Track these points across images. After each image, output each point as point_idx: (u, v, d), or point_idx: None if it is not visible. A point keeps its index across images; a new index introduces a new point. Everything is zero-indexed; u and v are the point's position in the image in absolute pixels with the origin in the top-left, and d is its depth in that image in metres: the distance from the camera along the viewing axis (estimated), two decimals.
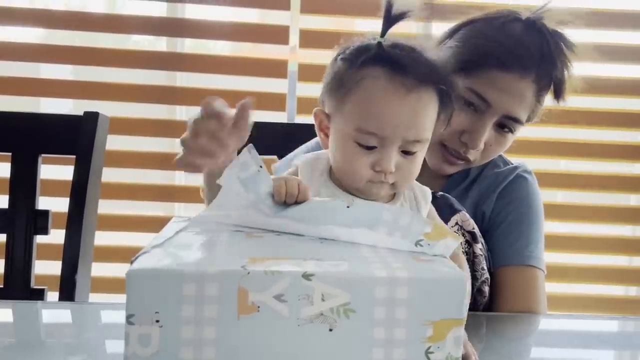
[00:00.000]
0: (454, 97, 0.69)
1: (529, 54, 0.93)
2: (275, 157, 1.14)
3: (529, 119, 0.99)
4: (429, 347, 0.45)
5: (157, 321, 0.44)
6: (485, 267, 0.94)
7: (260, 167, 0.58)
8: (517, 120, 0.96)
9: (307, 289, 0.44)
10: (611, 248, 1.93)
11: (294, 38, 1.81)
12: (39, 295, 1.03)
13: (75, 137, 1.03)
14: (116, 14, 1.88)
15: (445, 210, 0.90)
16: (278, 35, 1.81)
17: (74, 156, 1.04)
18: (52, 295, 1.04)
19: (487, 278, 0.94)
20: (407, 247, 0.52)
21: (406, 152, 0.66)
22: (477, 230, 0.93)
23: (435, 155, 1.01)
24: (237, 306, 0.44)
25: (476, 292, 0.93)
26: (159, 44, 1.90)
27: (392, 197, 0.71)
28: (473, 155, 0.98)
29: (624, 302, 1.98)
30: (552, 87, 0.98)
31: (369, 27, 1.85)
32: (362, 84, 0.65)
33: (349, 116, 0.66)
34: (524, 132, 1.81)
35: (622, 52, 1.86)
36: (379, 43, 0.66)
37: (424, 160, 1.02)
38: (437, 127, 0.71)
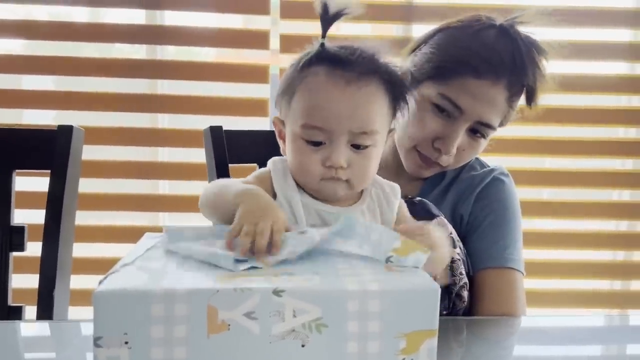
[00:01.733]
0: (405, 86, 0.70)
1: (501, 62, 0.94)
2: (256, 165, 1.14)
3: (501, 124, 1.00)
4: None
5: (126, 342, 0.43)
6: (464, 272, 0.94)
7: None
8: (489, 126, 0.97)
9: (278, 305, 0.43)
10: (596, 243, 1.94)
11: (275, 42, 1.81)
12: (16, 313, 1.02)
13: (50, 151, 1.02)
14: (97, 22, 1.86)
15: (422, 215, 0.90)
16: (258, 40, 1.81)
17: (49, 170, 1.03)
18: (31, 310, 1.03)
19: (465, 283, 0.94)
20: (373, 261, 0.52)
21: (356, 147, 0.66)
22: (455, 235, 0.93)
23: (411, 159, 1.02)
24: (207, 325, 0.43)
25: (455, 296, 0.93)
26: (140, 52, 1.89)
27: (358, 197, 0.71)
28: (445, 161, 0.99)
29: (609, 295, 1.99)
30: (524, 93, 0.99)
31: (350, 31, 1.86)
32: (304, 82, 0.67)
33: (295, 115, 0.67)
34: (510, 131, 1.84)
35: (602, 49, 1.87)
36: (322, 44, 0.67)
37: (401, 164, 1.04)
38: (393, 126, 0.72)
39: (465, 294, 0.94)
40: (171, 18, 1.83)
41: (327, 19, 0.68)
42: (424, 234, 0.61)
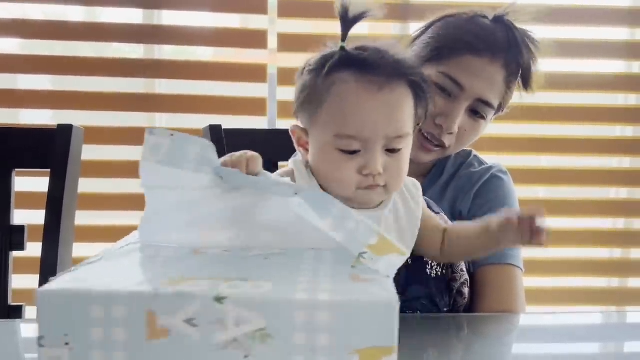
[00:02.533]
0: (427, 89, 0.70)
1: (497, 41, 0.96)
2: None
3: (500, 108, 1.02)
4: None
5: (67, 344, 0.42)
6: (465, 269, 0.94)
7: (172, 135, 0.55)
8: (489, 105, 0.98)
9: (219, 313, 0.41)
10: (593, 241, 1.95)
11: (273, 41, 1.81)
12: (17, 312, 1.02)
13: (49, 150, 1.02)
14: (94, 22, 1.86)
15: None
16: (256, 39, 1.81)
17: (49, 170, 1.03)
18: (31, 310, 1.03)
19: (466, 279, 0.94)
20: (349, 257, 0.49)
21: (391, 151, 0.66)
22: None
23: (412, 141, 1.02)
24: (146, 330, 0.41)
25: (456, 293, 0.93)
26: (138, 51, 1.89)
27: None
28: (448, 140, 1.00)
29: (607, 293, 2.00)
30: (520, 75, 1.01)
31: (352, 30, 1.87)
32: (332, 91, 0.65)
33: (325, 125, 0.66)
34: (506, 129, 1.85)
35: (599, 48, 1.88)
36: (342, 47, 0.66)
37: None
38: (417, 121, 0.71)
39: (466, 290, 0.94)
40: (169, 17, 1.83)
41: (348, 21, 0.66)
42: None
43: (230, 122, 1.20)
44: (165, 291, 0.42)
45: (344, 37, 0.67)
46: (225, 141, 1.17)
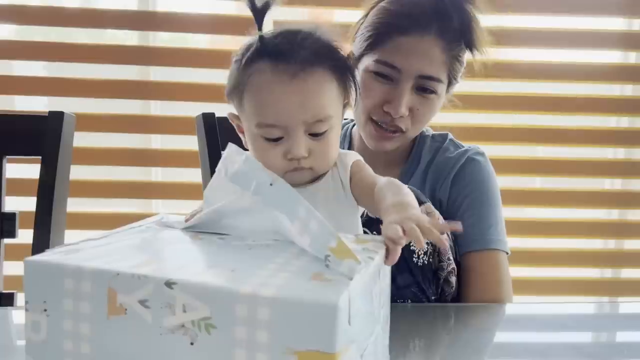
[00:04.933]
0: (351, 70, 0.71)
1: (423, 13, 0.95)
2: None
3: (452, 79, 1.00)
4: None
5: (45, 310, 0.46)
6: (452, 257, 0.95)
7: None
8: (433, 79, 0.96)
9: (169, 298, 0.42)
10: (587, 231, 1.95)
11: (268, 28, 1.79)
12: (8, 299, 1.02)
13: (41, 137, 1.02)
14: (89, 8, 1.85)
15: None
16: (252, 26, 1.79)
17: (40, 157, 1.03)
18: (23, 297, 1.03)
19: (453, 268, 0.95)
20: (319, 262, 0.47)
21: (314, 135, 0.67)
22: (442, 221, 0.94)
23: (369, 133, 1.02)
24: (107, 306, 0.44)
25: (443, 282, 0.94)
26: (132, 38, 1.88)
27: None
28: (404, 124, 0.99)
29: (600, 283, 2.01)
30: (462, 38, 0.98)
31: (347, 18, 1.85)
32: (250, 81, 0.67)
33: (249, 115, 0.68)
34: (502, 119, 1.85)
35: (595, 38, 1.87)
36: (260, 37, 0.67)
37: (374, 154, 1.03)
38: (347, 102, 0.72)
39: (453, 279, 0.95)
40: (164, 4, 1.82)
41: (257, 10, 0.67)
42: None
43: (225, 109, 1.19)
44: (125, 271, 0.44)
45: (259, 26, 0.68)
46: (218, 128, 1.17)
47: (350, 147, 1.13)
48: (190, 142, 1.71)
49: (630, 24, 1.89)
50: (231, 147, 0.56)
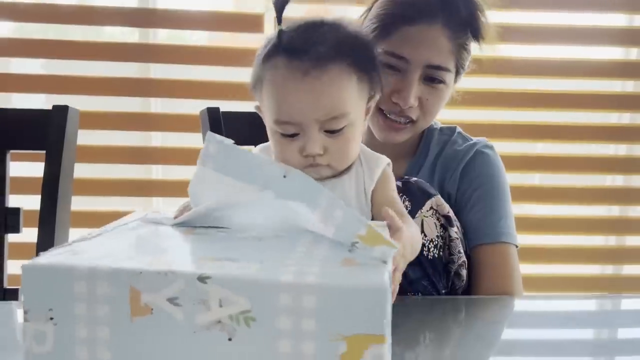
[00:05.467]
0: (373, 62, 0.69)
1: (429, 2, 0.95)
2: (252, 147, 1.13)
3: (459, 68, 1.00)
4: None
5: (52, 318, 0.42)
6: (462, 250, 0.94)
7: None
8: (441, 68, 0.96)
9: (202, 293, 0.40)
10: (588, 228, 1.95)
11: (270, 25, 1.79)
12: (13, 295, 1.01)
13: (45, 132, 1.01)
14: (87, 5, 1.84)
15: (419, 195, 0.90)
16: (252, 23, 1.79)
17: (44, 152, 1.01)
18: None
19: (464, 261, 0.94)
20: (341, 248, 0.47)
21: (331, 131, 0.66)
22: (452, 214, 0.93)
23: (378, 125, 1.01)
24: (129, 307, 0.41)
25: (454, 275, 0.93)
26: (132, 35, 1.87)
27: (347, 169, 0.71)
28: (414, 114, 0.98)
29: (601, 280, 2.01)
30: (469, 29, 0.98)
31: (348, 14, 1.85)
32: (267, 77, 0.67)
33: (267, 110, 0.68)
34: (502, 116, 1.85)
35: (596, 34, 1.87)
36: (279, 31, 0.66)
37: (382, 145, 1.03)
38: (371, 96, 0.71)
39: (464, 272, 0.94)
40: (163, 1, 1.81)
41: (278, 4, 0.67)
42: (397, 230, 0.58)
43: (225, 106, 1.18)
44: (149, 269, 0.41)
45: (279, 20, 0.67)
46: (223, 124, 1.16)
47: None
48: (191, 140, 1.71)
49: (631, 19, 1.90)
50: (213, 138, 0.55)
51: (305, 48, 0.64)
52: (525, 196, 1.91)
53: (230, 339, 0.40)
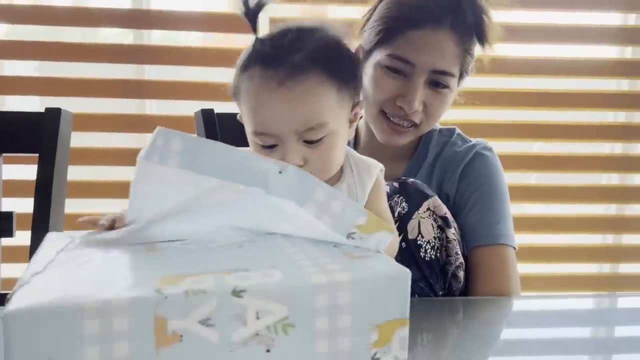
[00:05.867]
0: (355, 68, 0.67)
1: (437, 7, 0.94)
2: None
3: (463, 72, 0.99)
4: (375, 353, 0.41)
5: None
6: (460, 252, 0.94)
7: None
8: (447, 74, 0.96)
9: (238, 308, 0.38)
10: (585, 227, 1.96)
11: (264, 26, 1.78)
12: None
13: (38, 135, 1.00)
14: (82, 6, 1.83)
15: (416, 196, 0.90)
16: (247, 24, 1.78)
17: (37, 155, 1.00)
18: None
19: (461, 263, 0.94)
20: (337, 239, 0.47)
21: (310, 142, 0.63)
22: (449, 215, 0.93)
23: (380, 127, 1.01)
24: (154, 339, 0.36)
25: (451, 277, 0.93)
26: (126, 37, 1.86)
27: (338, 178, 0.70)
28: (417, 117, 0.98)
29: (599, 279, 2.01)
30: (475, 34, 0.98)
31: (342, 14, 1.84)
32: (244, 87, 0.65)
33: (245, 121, 0.66)
34: (498, 115, 1.84)
35: (592, 33, 1.87)
36: (255, 40, 0.65)
37: (382, 146, 1.02)
38: (352, 104, 0.68)
39: (461, 274, 0.94)
40: (158, 2, 1.80)
41: (250, 13, 0.65)
42: None
43: (220, 108, 1.17)
44: (175, 291, 0.37)
45: (254, 29, 0.65)
46: (217, 126, 1.16)
47: (356, 140, 1.12)
48: None
49: (625, 18, 1.90)
50: (164, 133, 0.51)
51: (280, 57, 0.62)
52: (523, 196, 1.90)
53: (268, 350, 0.39)
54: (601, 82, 1.91)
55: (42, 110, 1.02)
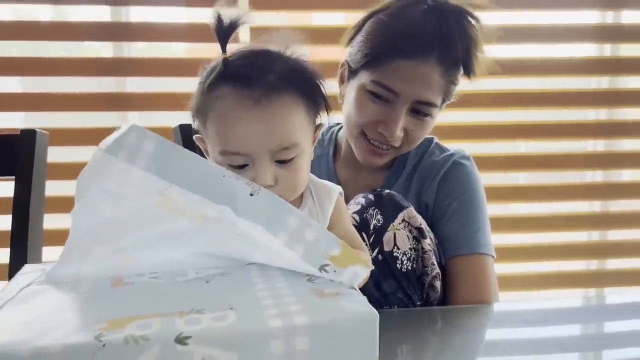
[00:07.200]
0: (320, 90, 0.67)
1: (427, 38, 0.93)
2: None
3: (444, 100, 0.99)
4: None
5: None
6: (436, 262, 0.94)
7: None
8: (429, 104, 0.96)
9: (183, 356, 0.35)
10: (571, 224, 1.96)
11: (245, 35, 1.78)
12: None
13: (13, 156, 0.99)
14: (62, 21, 1.82)
15: (391, 208, 0.90)
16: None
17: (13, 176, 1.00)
18: None
19: (438, 273, 0.94)
20: (309, 270, 0.45)
21: (281, 162, 0.63)
22: (424, 226, 0.93)
23: (360, 147, 1.01)
24: None
25: (428, 287, 0.93)
26: (107, 50, 1.85)
27: (299, 202, 0.69)
28: (397, 142, 0.99)
29: (586, 275, 2.02)
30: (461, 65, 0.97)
31: (326, 20, 1.84)
32: (213, 107, 0.63)
33: (212, 141, 0.64)
34: (483, 117, 1.85)
35: (570, 32, 1.88)
36: (224, 59, 0.63)
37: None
38: (319, 122, 0.69)
39: (438, 284, 0.94)
40: (137, 14, 1.79)
41: (222, 32, 0.64)
42: None
43: None
44: (115, 337, 0.34)
45: (223, 48, 0.64)
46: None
47: (335, 152, 1.12)
48: None
49: (604, 16, 1.91)
50: (138, 132, 0.48)
51: (255, 76, 0.61)
52: (509, 196, 1.91)
53: None
54: (581, 80, 1.92)
55: (27, 126, 1.01)
